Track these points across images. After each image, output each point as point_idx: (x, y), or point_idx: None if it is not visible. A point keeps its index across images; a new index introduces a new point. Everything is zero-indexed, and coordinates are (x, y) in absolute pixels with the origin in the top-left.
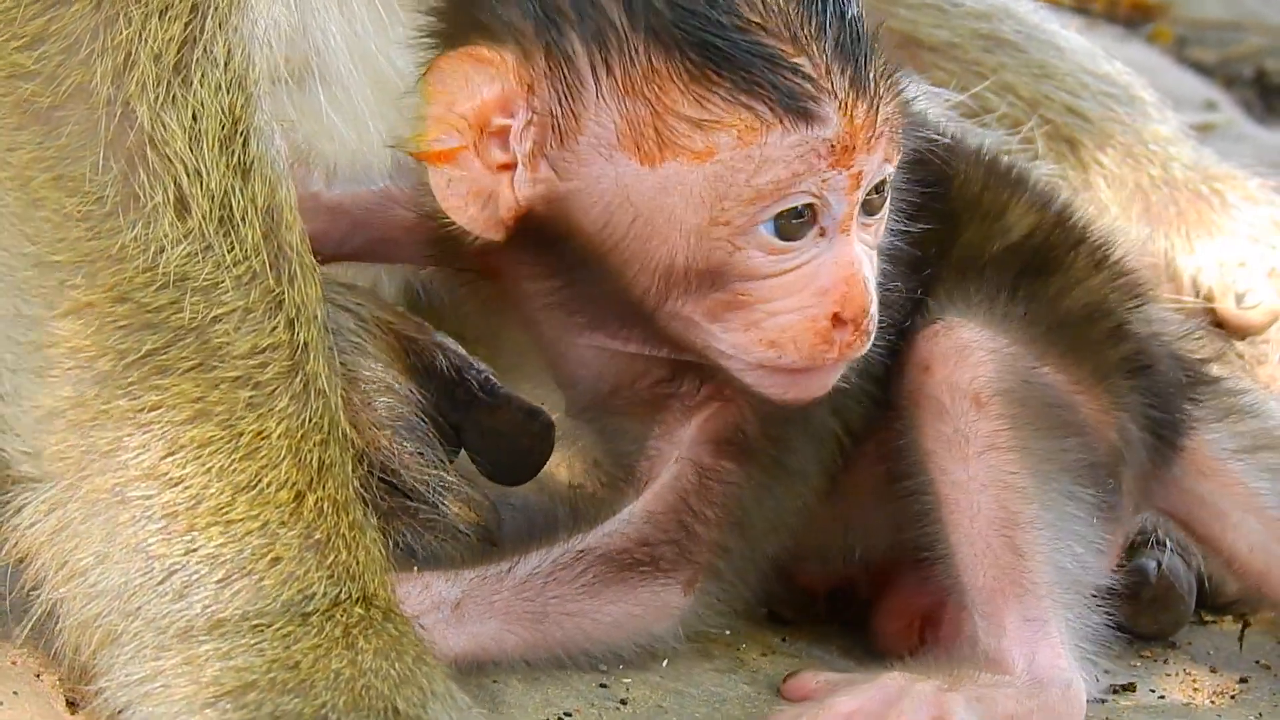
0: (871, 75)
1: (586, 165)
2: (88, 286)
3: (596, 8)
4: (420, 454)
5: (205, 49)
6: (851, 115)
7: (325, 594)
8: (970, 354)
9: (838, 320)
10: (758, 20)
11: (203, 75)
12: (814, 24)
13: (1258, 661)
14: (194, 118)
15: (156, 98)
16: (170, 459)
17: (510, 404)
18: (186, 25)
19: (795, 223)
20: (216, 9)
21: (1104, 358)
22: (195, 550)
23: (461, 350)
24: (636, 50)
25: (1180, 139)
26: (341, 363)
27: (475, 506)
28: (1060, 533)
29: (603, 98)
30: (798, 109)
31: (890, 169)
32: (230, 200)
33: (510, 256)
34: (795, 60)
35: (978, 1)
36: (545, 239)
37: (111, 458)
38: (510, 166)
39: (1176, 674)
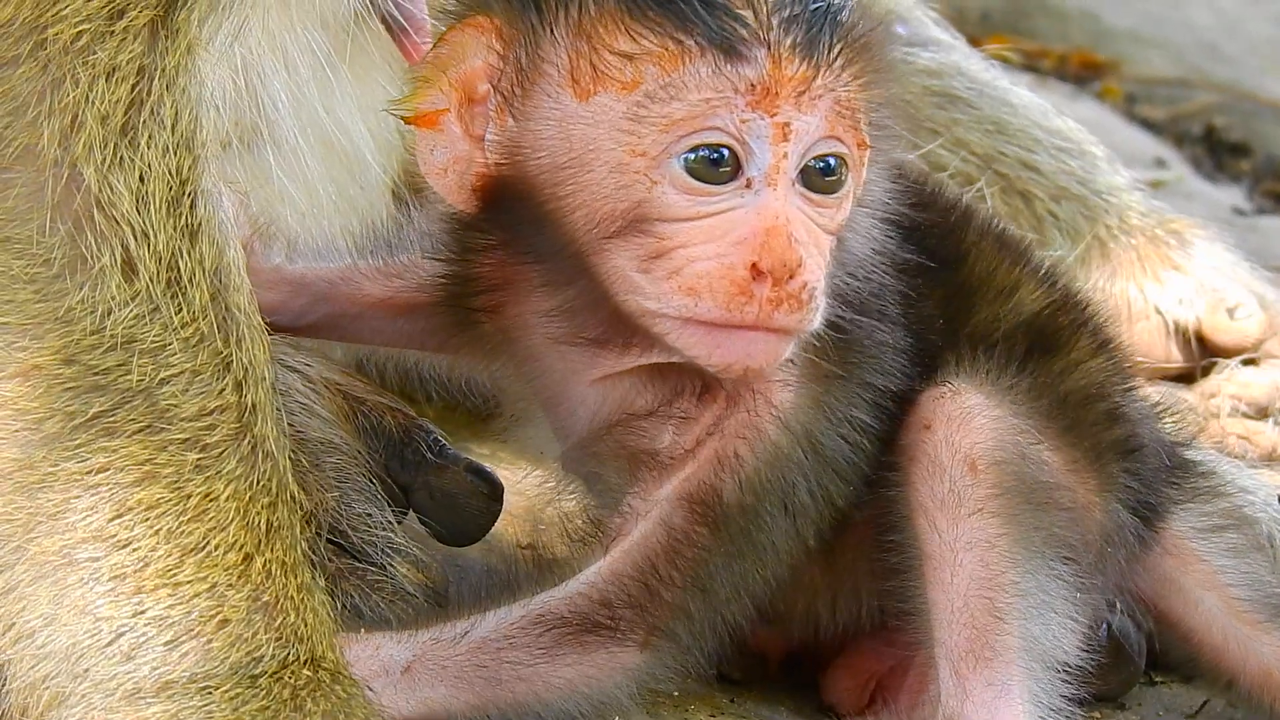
0: (824, 44)
1: (537, 107)
2: (35, 348)
3: None
4: (368, 515)
5: (152, 111)
6: (781, 64)
7: (273, 656)
8: (973, 419)
9: (757, 272)
10: None
11: (150, 137)
12: None
13: None
14: (141, 180)
15: (104, 160)
16: (118, 521)
17: (459, 465)
18: (134, 87)
19: (712, 164)
20: (163, 71)
21: (1099, 440)
22: (143, 612)
23: (410, 411)
24: None
25: (1133, 189)
26: (290, 423)
27: (423, 568)
28: (1038, 603)
29: (556, 40)
30: (722, 43)
31: (841, 148)
32: (178, 262)
33: (501, 260)
34: (740, 11)
35: (930, 59)
36: (507, 206)
37: (59, 519)
38: (484, 137)
39: None
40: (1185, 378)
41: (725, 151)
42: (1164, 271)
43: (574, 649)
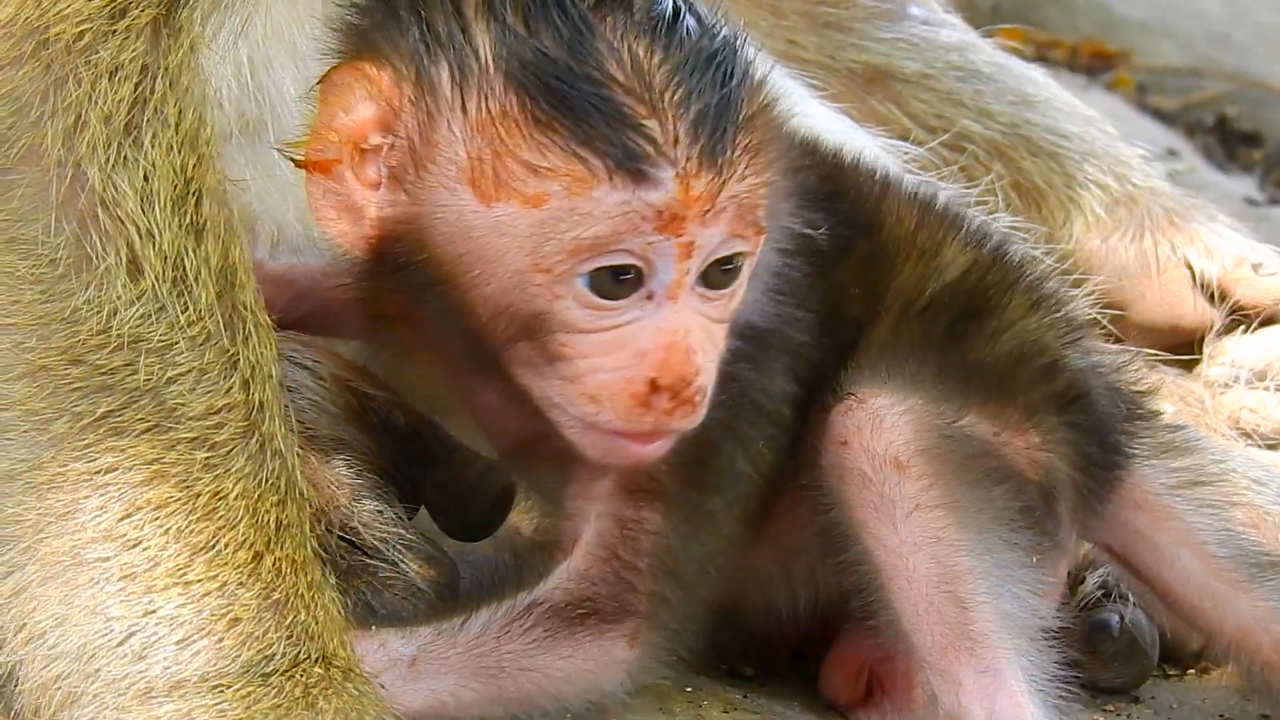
0: (729, 150)
1: (434, 194)
2: (42, 349)
3: (468, 38)
4: (379, 511)
5: (156, 109)
6: (689, 185)
7: (285, 654)
8: (884, 420)
9: (656, 387)
10: (620, 78)
11: (154, 136)
12: (680, 91)
13: (1221, 715)
14: (145, 179)
15: (108, 159)
16: (127, 520)
17: (469, 460)
18: (137, 86)
19: (616, 282)
20: (167, 69)
21: (1032, 396)
22: (154, 611)
23: (419, 408)
24: (493, 89)
25: (1152, 163)
26: (299, 420)
27: (434, 563)
28: (1000, 580)
29: (454, 131)
30: (629, 168)
31: (742, 245)
32: (183, 261)
33: (395, 290)
34: (644, 122)
35: (950, 36)
36: (403, 261)
37: (68, 520)
38: (378, 185)
39: None
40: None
41: (631, 271)
42: (1193, 225)
43: (565, 641)
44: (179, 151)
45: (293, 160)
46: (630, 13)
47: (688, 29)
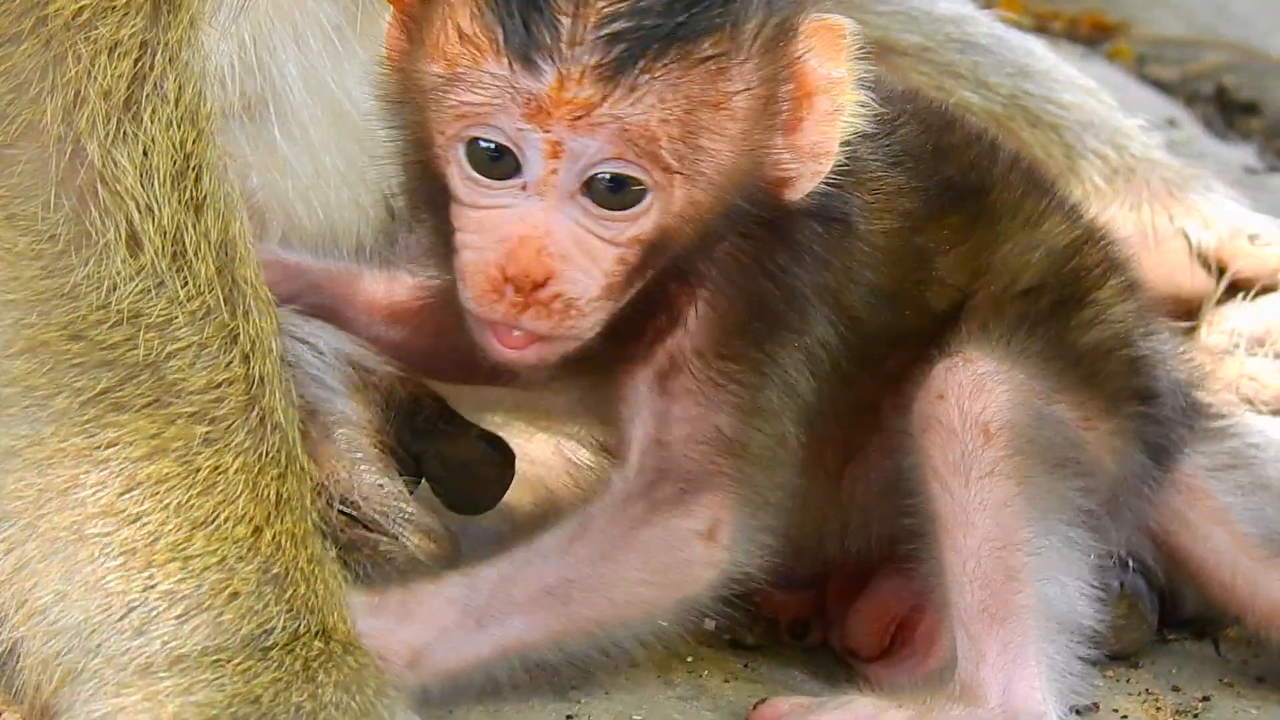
0: (633, 73)
1: (401, 48)
2: (42, 325)
3: None
4: (380, 485)
5: (155, 85)
6: (564, 85)
7: (284, 628)
8: (985, 384)
9: (506, 276)
10: None
11: (153, 111)
12: (618, 4)
13: (1220, 679)
14: (145, 154)
15: (107, 134)
16: (128, 496)
17: (470, 433)
18: (136, 61)
19: (490, 160)
20: (166, 45)
21: (1119, 389)
22: (154, 586)
23: (420, 380)
24: None
25: (1151, 132)
26: (299, 395)
27: (436, 537)
28: (1052, 564)
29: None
30: (521, 51)
31: (632, 170)
32: (183, 236)
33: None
34: (560, 16)
35: (948, 9)
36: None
37: (69, 495)
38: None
39: (1139, 693)
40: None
41: (504, 153)
42: (1191, 196)
43: (633, 550)
44: (178, 127)
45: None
46: None
47: None
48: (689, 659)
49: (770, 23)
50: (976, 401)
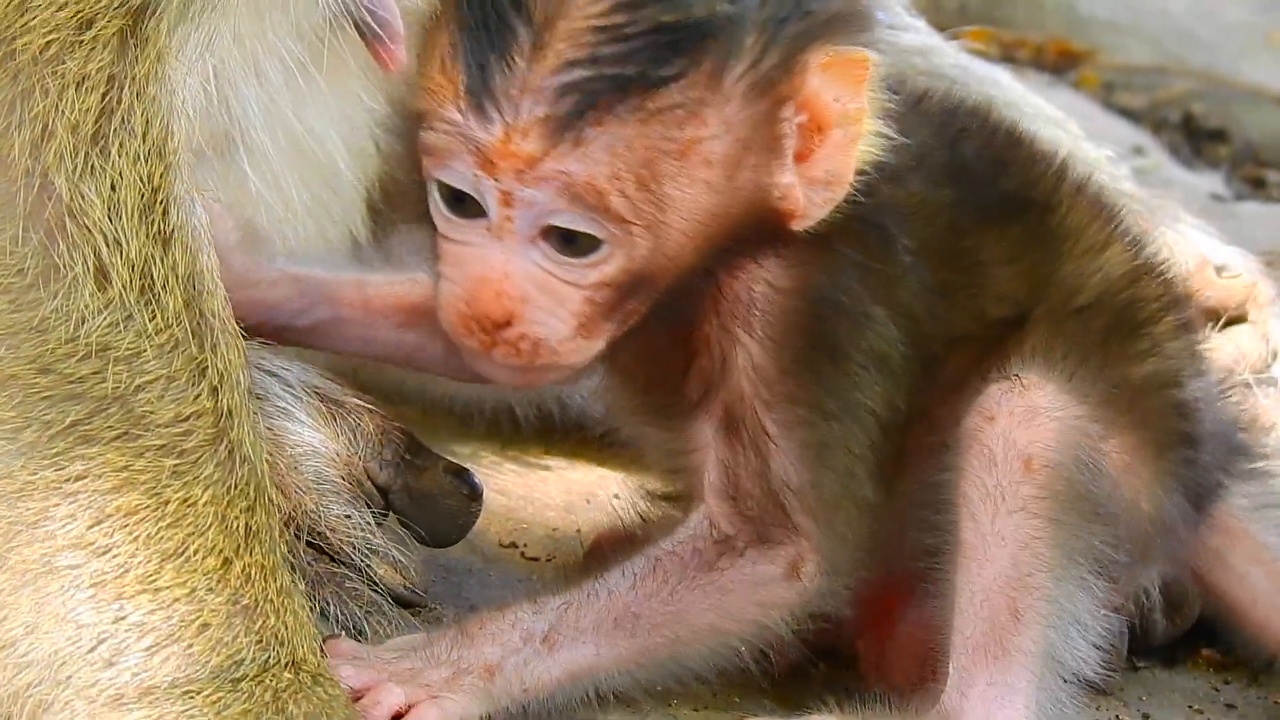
0: (578, 130)
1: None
2: (10, 359)
3: None
4: (347, 517)
5: (123, 119)
6: (510, 139)
7: (254, 659)
8: (1036, 417)
9: (472, 313)
10: (530, 15)
11: (121, 145)
12: (572, 52)
13: (1190, 707)
14: (112, 188)
15: (75, 168)
16: (97, 528)
17: (437, 465)
18: (104, 96)
19: (455, 200)
20: (133, 80)
21: (1165, 432)
22: (124, 618)
23: (387, 413)
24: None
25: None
26: (268, 427)
27: (403, 569)
28: (1063, 611)
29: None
30: (476, 100)
31: (585, 225)
32: (151, 269)
33: None
34: (514, 62)
35: (914, 39)
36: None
37: (38, 528)
38: None
39: None
40: None
41: (469, 198)
42: (1159, 227)
43: (709, 586)
44: (146, 161)
45: None
46: None
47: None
48: (658, 687)
49: (764, 65)
50: (1025, 432)
